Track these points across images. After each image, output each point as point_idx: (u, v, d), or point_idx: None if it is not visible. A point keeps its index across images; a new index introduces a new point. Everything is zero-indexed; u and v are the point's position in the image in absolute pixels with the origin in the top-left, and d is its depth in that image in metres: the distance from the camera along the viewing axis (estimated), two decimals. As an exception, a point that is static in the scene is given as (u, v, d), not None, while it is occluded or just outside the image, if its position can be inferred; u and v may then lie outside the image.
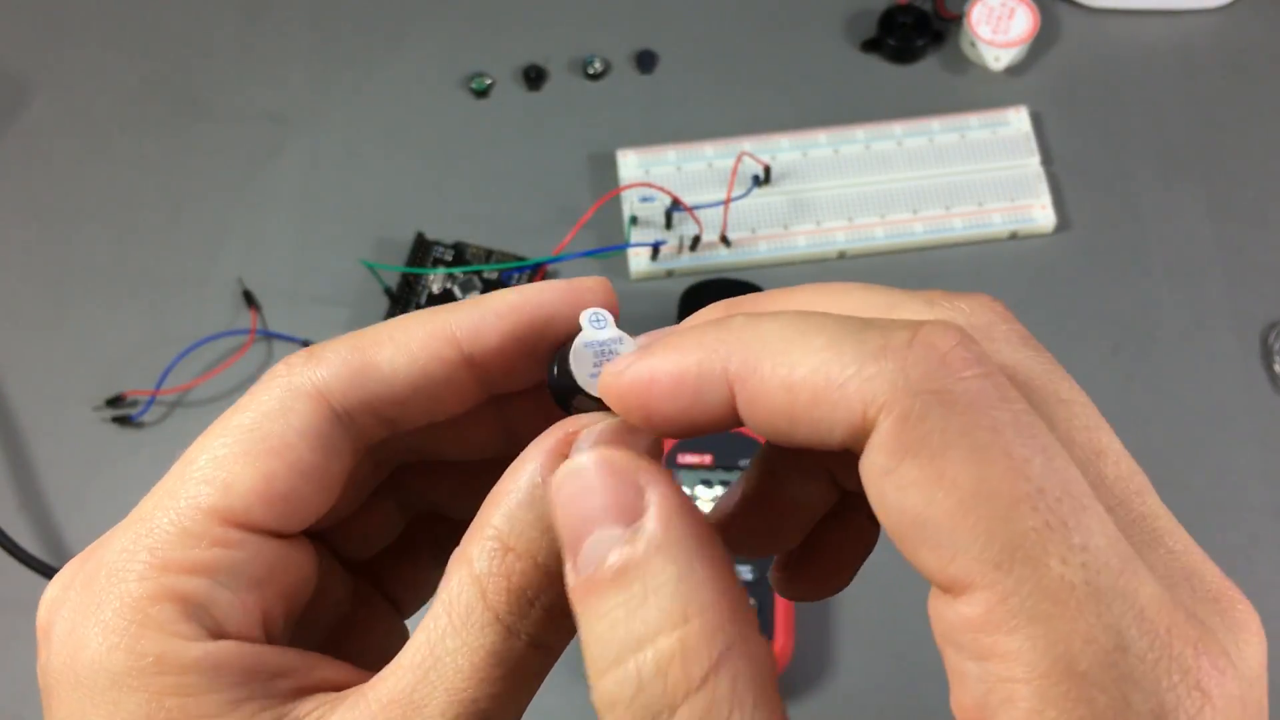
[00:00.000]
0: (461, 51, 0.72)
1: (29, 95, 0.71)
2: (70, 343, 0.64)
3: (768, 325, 0.19)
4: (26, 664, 0.61)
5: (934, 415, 0.17)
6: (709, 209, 0.65)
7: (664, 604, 0.18)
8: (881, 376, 0.17)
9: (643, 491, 0.19)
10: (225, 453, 0.21)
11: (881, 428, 0.17)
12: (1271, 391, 0.63)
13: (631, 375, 0.20)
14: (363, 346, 0.22)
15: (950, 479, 0.16)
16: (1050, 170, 0.68)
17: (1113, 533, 0.17)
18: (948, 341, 0.17)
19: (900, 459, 0.17)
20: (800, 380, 0.18)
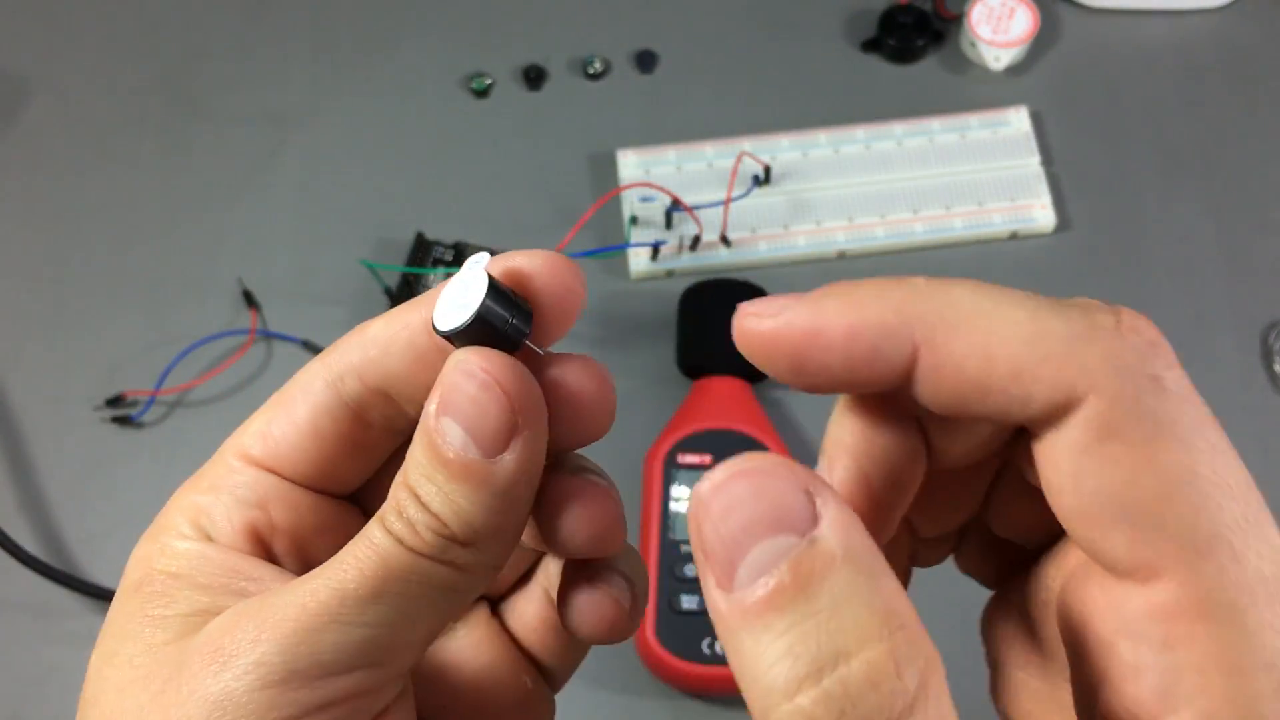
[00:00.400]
0: (461, 51, 0.72)
1: (29, 95, 0.71)
2: (70, 343, 0.64)
3: (960, 291, 0.18)
4: (27, 664, 0.61)
5: (1149, 400, 0.17)
6: (709, 209, 0.65)
7: (862, 614, 0.16)
8: (1098, 356, 0.17)
9: (813, 498, 0.17)
10: (262, 407, 0.25)
11: (1092, 406, 0.17)
12: (1271, 391, 0.63)
13: (791, 319, 0.19)
14: (366, 322, 0.25)
15: (1163, 463, 0.16)
16: (1050, 170, 0.68)
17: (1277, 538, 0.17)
18: (1152, 331, 0.18)
19: (1108, 438, 0.17)
20: (1003, 350, 0.17)
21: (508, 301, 0.22)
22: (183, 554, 0.24)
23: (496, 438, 0.21)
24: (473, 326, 0.21)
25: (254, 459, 0.25)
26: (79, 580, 0.57)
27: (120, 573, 0.24)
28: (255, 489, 0.25)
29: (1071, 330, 0.17)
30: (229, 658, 0.21)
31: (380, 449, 0.26)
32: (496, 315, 0.22)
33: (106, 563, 0.59)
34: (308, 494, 0.25)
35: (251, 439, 0.25)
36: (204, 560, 0.23)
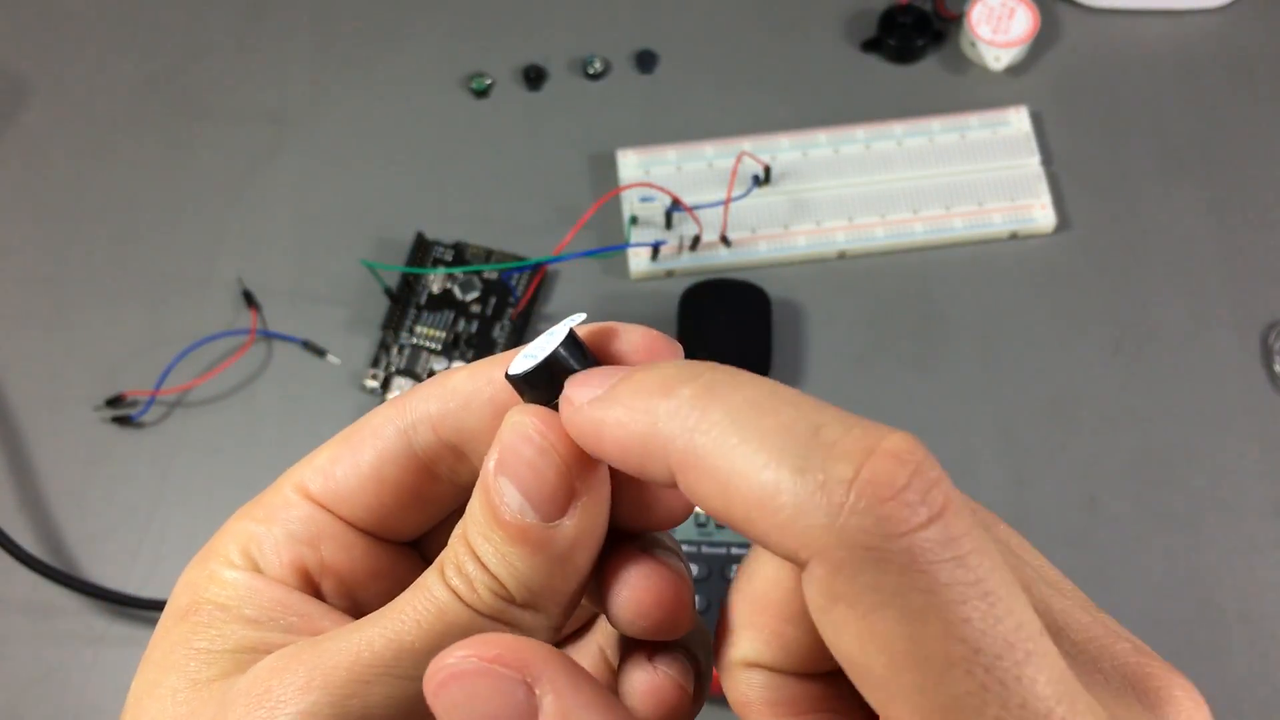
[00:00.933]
0: (461, 51, 0.72)
1: (29, 95, 0.71)
2: (70, 343, 0.64)
3: (714, 414, 0.18)
4: (27, 664, 0.61)
5: (867, 572, 0.16)
6: (709, 209, 0.65)
7: None
8: (815, 523, 0.16)
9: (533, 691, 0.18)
10: (328, 443, 0.25)
11: (814, 571, 0.16)
12: (1271, 391, 0.63)
13: (583, 419, 0.20)
14: (448, 372, 0.24)
15: (882, 637, 0.16)
16: (1050, 170, 0.68)
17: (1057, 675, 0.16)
18: (893, 483, 0.16)
19: (833, 604, 0.16)
20: (736, 495, 0.17)
21: (582, 358, 0.21)
22: (231, 584, 0.23)
23: (554, 503, 0.20)
24: (536, 373, 0.21)
25: (311, 495, 0.24)
26: (78, 580, 0.57)
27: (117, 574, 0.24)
28: (309, 525, 0.24)
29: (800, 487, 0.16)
30: (277, 703, 0.20)
31: (445, 501, 0.25)
32: (563, 367, 0.21)
33: (106, 563, 0.59)
34: (363, 537, 0.25)
35: (312, 474, 0.24)
36: (253, 592, 0.23)
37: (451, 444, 0.24)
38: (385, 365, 0.63)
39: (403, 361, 0.63)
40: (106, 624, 0.58)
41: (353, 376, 0.63)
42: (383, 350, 0.63)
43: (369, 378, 0.63)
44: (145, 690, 0.22)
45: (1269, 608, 0.58)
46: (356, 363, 0.63)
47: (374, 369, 0.63)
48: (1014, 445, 0.62)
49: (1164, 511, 0.60)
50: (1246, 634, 0.58)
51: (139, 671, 0.23)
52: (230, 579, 0.23)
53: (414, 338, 0.64)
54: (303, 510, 0.24)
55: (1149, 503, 0.60)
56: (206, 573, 0.24)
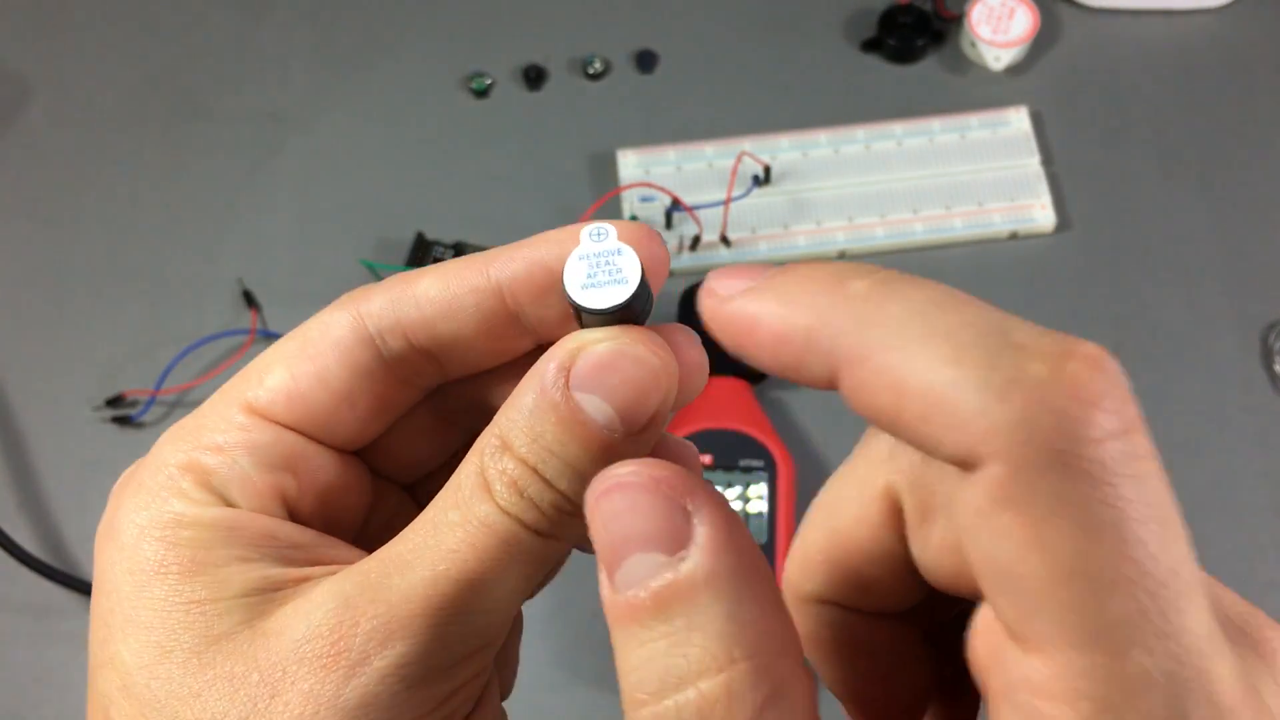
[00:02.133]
0: (461, 51, 0.72)
1: (29, 95, 0.71)
2: (70, 343, 0.64)
3: (892, 308, 0.17)
4: (26, 664, 0.61)
5: (1050, 478, 0.15)
6: (709, 209, 0.65)
7: (709, 643, 0.17)
8: (1004, 419, 0.15)
9: (691, 517, 0.18)
10: (271, 357, 0.23)
11: (990, 471, 0.16)
12: (1271, 391, 0.63)
13: (733, 311, 0.19)
14: (411, 276, 0.23)
15: (1051, 547, 0.15)
16: (1050, 170, 0.68)
17: (1209, 615, 0.16)
18: (1090, 388, 0.15)
19: (1002, 509, 0.16)
20: (914, 390, 0.16)
21: (645, 284, 0.22)
22: (208, 523, 0.21)
23: (647, 417, 0.20)
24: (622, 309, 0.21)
25: (273, 416, 0.23)
26: (79, 580, 0.57)
27: None
28: (280, 450, 0.23)
29: (989, 381, 0.16)
30: (360, 660, 0.20)
31: (402, 404, 0.24)
32: (644, 299, 0.21)
33: (106, 563, 0.59)
34: (329, 453, 0.24)
35: (270, 395, 0.23)
36: (235, 529, 0.21)
37: (424, 350, 0.23)
38: (385, 365, 0.63)
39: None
40: (106, 624, 0.58)
41: (353, 376, 0.63)
42: (383, 350, 0.63)
43: (369, 378, 0.63)
44: (152, 658, 0.20)
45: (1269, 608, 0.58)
46: (356, 363, 0.63)
47: (374, 369, 0.63)
48: (1014, 445, 0.62)
49: (1164, 511, 0.60)
50: (1246, 634, 0.58)
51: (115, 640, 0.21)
52: (206, 517, 0.21)
53: (414, 338, 0.64)
54: (267, 433, 0.23)
55: (1149, 503, 0.60)
56: (167, 514, 0.22)
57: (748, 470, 0.58)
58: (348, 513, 0.24)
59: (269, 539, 0.22)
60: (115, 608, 0.21)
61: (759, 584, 0.18)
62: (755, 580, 0.18)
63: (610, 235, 0.22)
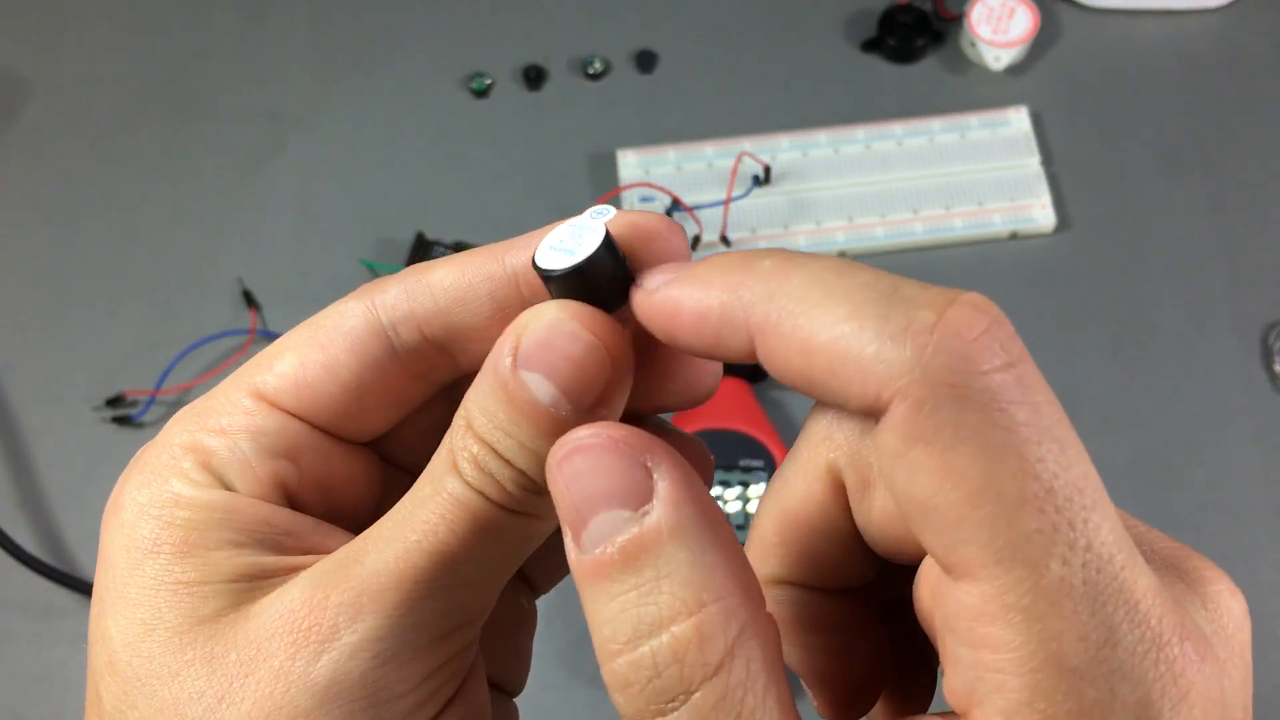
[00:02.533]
0: (461, 51, 0.72)
1: (29, 95, 0.71)
2: (70, 343, 0.64)
3: (795, 279, 0.19)
4: (26, 664, 0.61)
5: (947, 408, 0.17)
6: (709, 209, 0.65)
7: (678, 589, 0.18)
8: (900, 361, 0.17)
9: (651, 473, 0.19)
10: (284, 344, 0.23)
11: (895, 411, 0.17)
12: (1271, 391, 0.63)
13: (658, 300, 0.20)
14: (423, 266, 0.23)
15: (959, 473, 0.16)
16: (1050, 170, 0.68)
17: (1119, 529, 0.17)
18: (974, 328, 0.17)
19: (911, 445, 0.17)
20: (819, 347, 0.18)
21: (615, 256, 0.21)
22: (205, 505, 0.21)
23: (594, 394, 0.20)
24: (574, 273, 0.21)
25: (280, 403, 0.23)
26: (78, 580, 0.57)
27: None
28: (283, 437, 0.22)
29: (884, 330, 0.17)
30: (330, 634, 0.20)
31: (415, 398, 0.24)
32: (605, 269, 0.21)
33: (106, 563, 0.59)
34: (336, 443, 0.23)
35: (279, 381, 0.23)
36: (231, 512, 0.21)
37: (437, 342, 0.23)
38: (385, 365, 0.63)
39: (403, 361, 0.63)
40: (106, 624, 0.58)
41: (353, 376, 0.63)
42: (383, 350, 0.63)
43: (369, 378, 0.63)
44: (136, 635, 0.20)
45: (1269, 608, 0.58)
46: (356, 363, 0.63)
47: (374, 369, 0.63)
48: (1014, 445, 0.62)
49: (1164, 511, 0.60)
50: (1246, 634, 0.57)
51: (106, 615, 0.21)
52: (203, 499, 0.21)
53: (414, 338, 0.64)
54: (272, 420, 0.22)
55: (1149, 503, 0.60)
56: (166, 494, 0.21)
57: (748, 470, 0.58)
58: (354, 503, 0.24)
59: (264, 525, 0.21)
60: (110, 583, 0.21)
61: (720, 532, 0.19)
62: (716, 529, 0.19)
63: (609, 214, 0.22)
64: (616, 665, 0.18)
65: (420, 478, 0.21)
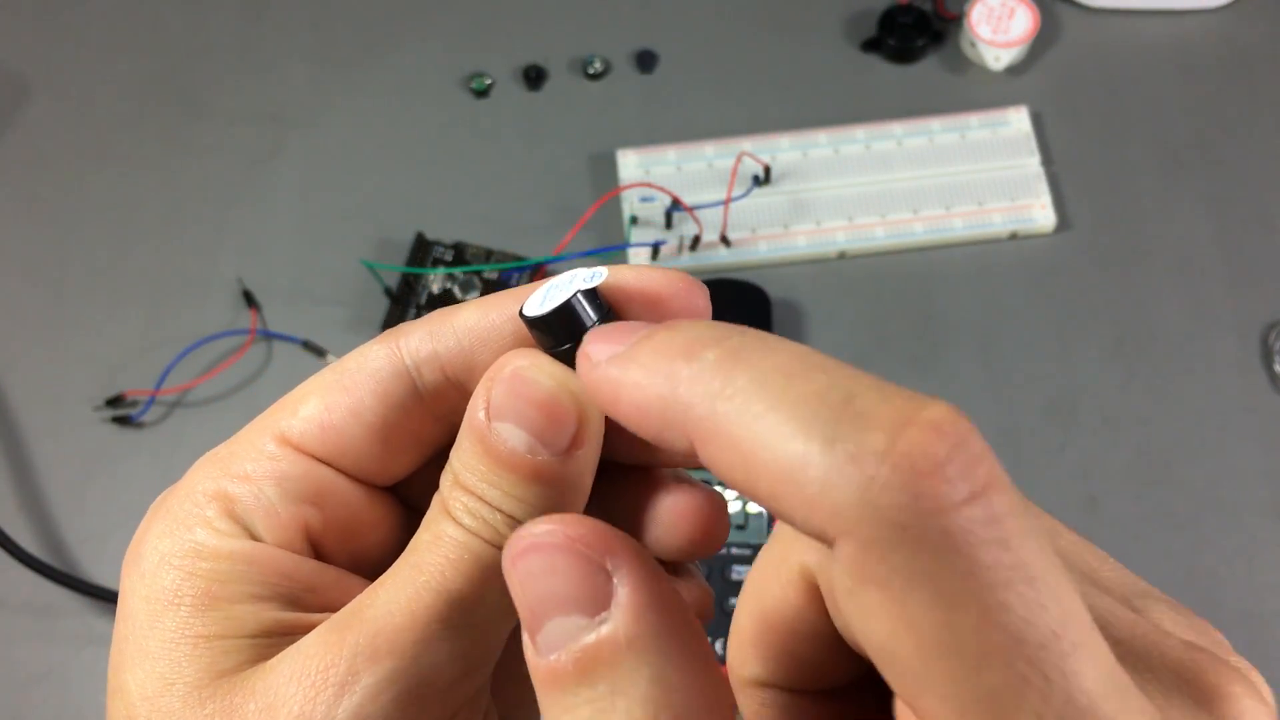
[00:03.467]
0: (461, 51, 0.72)
1: (29, 95, 0.71)
2: (70, 343, 0.64)
3: (740, 380, 0.16)
4: (26, 664, 0.61)
5: (899, 552, 0.15)
6: (709, 209, 0.65)
7: (634, 708, 0.17)
8: (845, 496, 0.15)
9: (610, 577, 0.17)
10: (308, 387, 0.23)
11: (843, 549, 0.15)
12: (1271, 391, 0.63)
13: (599, 377, 0.19)
14: (451, 310, 0.23)
15: (914, 623, 0.15)
16: (1050, 170, 0.68)
17: (1106, 670, 0.15)
18: (931, 456, 0.15)
19: (863, 586, 0.15)
20: (760, 466, 0.16)
21: (598, 307, 0.21)
22: (227, 556, 0.21)
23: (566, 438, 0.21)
24: (551, 318, 0.21)
25: (304, 447, 0.22)
26: (79, 580, 0.57)
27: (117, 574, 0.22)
28: (307, 481, 0.22)
29: (830, 457, 0.15)
30: (349, 679, 0.20)
31: (438, 440, 0.24)
32: (578, 316, 0.21)
33: (106, 563, 0.59)
34: (361, 488, 0.23)
35: (301, 424, 0.22)
36: (254, 564, 0.21)
37: (459, 383, 0.23)
38: (385, 365, 0.63)
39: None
40: (107, 624, 0.58)
41: (353, 376, 0.63)
42: (383, 350, 0.63)
43: (369, 378, 0.63)
44: (154, 690, 0.20)
45: (1269, 608, 0.58)
46: (356, 363, 0.63)
47: (374, 369, 0.63)
48: (1014, 445, 0.62)
49: (1164, 511, 0.60)
50: (1246, 634, 0.58)
51: (125, 667, 0.21)
52: (225, 549, 0.21)
53: (414, 338, 0.64)
54: (297, 465, 0.22)
55: (1149, 503, 0.60)
56: (189, 544, 0.21)
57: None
58: (376, 547, 0.24)
59: (286, 579, 0.21)
60: (129, 635, 0.21)
61: (686, 643, 0.17)
62: (681, 639, 0.17)
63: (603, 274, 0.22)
64: None
65: (421, 525, 0.22)
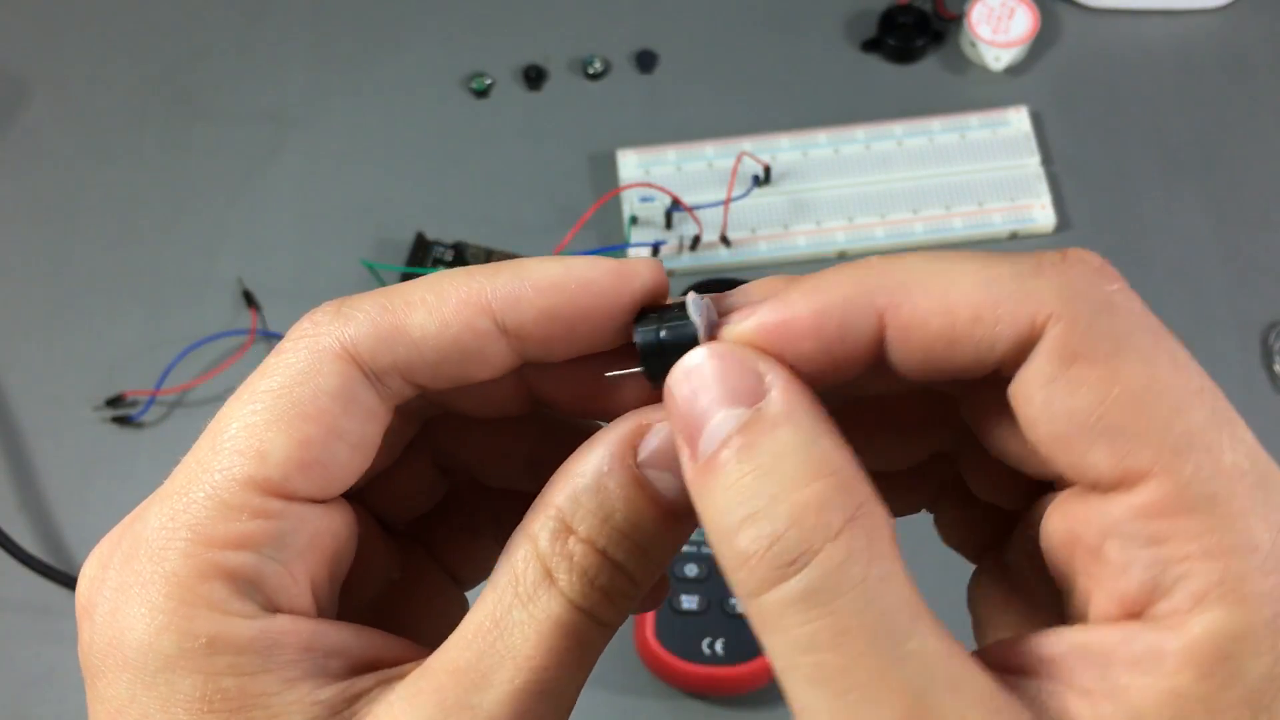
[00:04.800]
0: (461, 51, 0.72)
1: (29, 95, 0.71)
2: (70, 343, 0.64)
3: (911, 260, 0.19)
4: (27, 664, 0.61)
5: (1104, 319, 0.18)
6: (709, 209, 0.65)
7: (797, 465, 0.18)
8: (1049, 287, 0.18)
9: (763, 376, 0.19)
10: (257, 419, 0.20)
11: (1052, 334, 0.18)
12: (1271, 391, 0.63)
13: (760, 320, 0.20)
14: (393, 307, 0.21)
15: (1127, 376, 0.17)
16: (1050, 170, 0.68)
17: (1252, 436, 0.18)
18: (1094, 259, 0.19)
19: (1072, 362, 0.18)
20: (961, 299, 0.19)
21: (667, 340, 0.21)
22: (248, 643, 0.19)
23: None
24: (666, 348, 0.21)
25: (291, 493, 0.20)
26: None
27: None
28: (305, 531, 0.20)
29: (1021, 269, 0.18)
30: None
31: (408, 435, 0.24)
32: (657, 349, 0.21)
33: (106, 563, 0.59)
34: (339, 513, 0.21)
35: (284, 469, 0.20)
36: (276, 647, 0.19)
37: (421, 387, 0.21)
38: (385, 365, 0.63)
39: (403, 361, 0.63)
40: (106, 624, 0.58)
41: (353, 376, 0.63)
42: (383, 350, 0.63)
43: (369, 378, 0.63)
44: None
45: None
46: (356, 363, 0.63)
47: (374, 369, 0.63)
48: (1014, 445, 0.62)
49: (1164, 511, 0.60)
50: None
51: None
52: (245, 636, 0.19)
53: (414, 338, 0.64)
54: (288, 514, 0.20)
55: (1149, 503, 0.60)
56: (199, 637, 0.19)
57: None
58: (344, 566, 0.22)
59: (312, 648, 0.20)
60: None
61: (832, 424, 0.19)
62: (828, 421, 0.19)
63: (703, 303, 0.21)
64: (736, 542, 0.18)
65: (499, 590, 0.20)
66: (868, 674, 0.17)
